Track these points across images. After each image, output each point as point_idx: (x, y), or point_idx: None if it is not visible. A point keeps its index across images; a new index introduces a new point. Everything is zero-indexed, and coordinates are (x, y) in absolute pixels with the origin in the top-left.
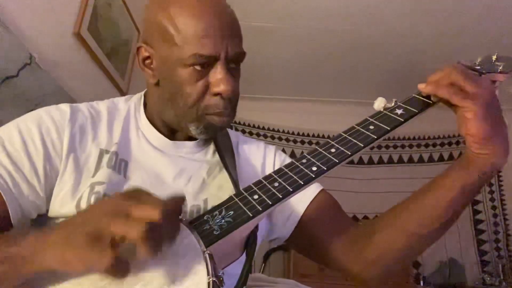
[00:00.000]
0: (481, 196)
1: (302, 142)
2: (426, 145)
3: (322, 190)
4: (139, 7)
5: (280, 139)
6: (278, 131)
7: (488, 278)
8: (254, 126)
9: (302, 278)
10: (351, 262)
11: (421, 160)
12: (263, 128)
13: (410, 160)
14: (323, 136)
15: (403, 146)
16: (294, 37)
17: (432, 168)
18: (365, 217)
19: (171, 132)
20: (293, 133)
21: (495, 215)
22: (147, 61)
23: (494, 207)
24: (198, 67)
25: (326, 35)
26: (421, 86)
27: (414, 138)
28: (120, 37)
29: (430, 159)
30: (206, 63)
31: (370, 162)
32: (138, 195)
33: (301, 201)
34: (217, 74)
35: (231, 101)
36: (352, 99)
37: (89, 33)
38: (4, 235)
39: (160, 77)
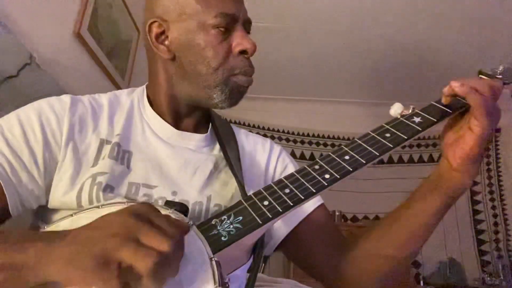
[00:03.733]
0: (481, 196)
1: (302, 142)
2: (426, 145)
3: (322, 204)
4: (139, 7)
5: (280, 139)
6: (278, 131)
7: (488, 278)
8: (254, 126)
9: (302, 278)
10: (337, 281)
11: (421, 160)
12: (263, 128)
13: (410, 160)
14: (323, 136)
15: (403, 146)
16: (294, 38)
17: (432, 168)
18: (365, 217)
19: (177, 121)
20: (293, 133)
21: (495, 215)
22: (161, 37)
23: (494, 207)
24: (222, 28)
25: (326, 35)
26: (455, 84)
27: (414, 138)
28: (120, 37)
29: (430, 159)
30: (229, 24)
31: None
32: (149, 216)
33: (301, 210)
34: (239, 34)
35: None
36: (352, 99)
37: (89, 33)
38: (8, 236)
39: (176, 50)
